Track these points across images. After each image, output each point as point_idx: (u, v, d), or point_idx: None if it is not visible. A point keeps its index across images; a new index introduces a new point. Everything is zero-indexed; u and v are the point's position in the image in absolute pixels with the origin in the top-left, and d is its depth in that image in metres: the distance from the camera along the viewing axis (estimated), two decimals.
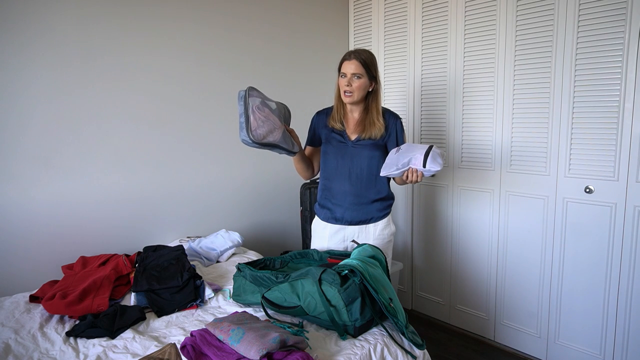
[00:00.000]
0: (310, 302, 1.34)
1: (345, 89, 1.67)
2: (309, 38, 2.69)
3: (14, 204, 1.70)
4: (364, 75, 1.65)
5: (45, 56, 1.73)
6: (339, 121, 1.76)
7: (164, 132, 2.11)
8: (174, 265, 1.68)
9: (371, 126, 1.71)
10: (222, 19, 2.27)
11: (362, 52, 1.66)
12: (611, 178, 1.91)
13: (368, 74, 1.66)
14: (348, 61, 1.65)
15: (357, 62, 1.63)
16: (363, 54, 1.65)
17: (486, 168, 2.33)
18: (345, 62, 1.67)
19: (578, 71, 1.95)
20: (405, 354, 1.30)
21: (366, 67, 1.65)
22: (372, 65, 1.67)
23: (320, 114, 1.84)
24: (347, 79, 1.65)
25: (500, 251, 2.34)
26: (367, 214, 1.76)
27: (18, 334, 1.34)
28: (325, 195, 1.82)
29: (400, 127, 1.77)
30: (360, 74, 1.64)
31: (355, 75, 1.64)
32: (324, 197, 1.83)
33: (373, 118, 1.72)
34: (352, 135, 1.76)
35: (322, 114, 1.83)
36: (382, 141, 1.75)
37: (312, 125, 1.85)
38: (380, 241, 1.78)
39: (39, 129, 1.74)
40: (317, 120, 1.84)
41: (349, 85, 1.66)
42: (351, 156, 1.74)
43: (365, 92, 1.70)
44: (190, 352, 1.13)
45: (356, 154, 1.73)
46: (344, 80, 1.67)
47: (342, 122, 1.76)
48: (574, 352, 2.13)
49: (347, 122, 1.78)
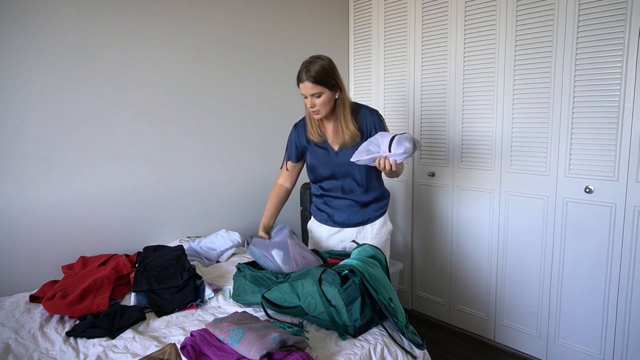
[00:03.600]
0: (310, 302, 1.34)
1: (311, 110, 1.62)
2: (309, 38, 2.69)
3: (14, 204, 1.70)
4: (323, 91, 1.57)
5: (44, 53, 1.73)
6: (316, 134, 1.70)
7: (164, 132, 2.11)
8: (174, 265, 1.68)
9: (344, 134, 1.66)
10: (223, 16, 2.27)
11: (312, 69, 1.55)
12: (611, 178, 1.91)
13: (327, 87, 1.57)
14: (302, 83, 1.57)
15: (309, 83, 1.55)
16: (312, 71, 1.54)
17: (486, 168, 2.33)
18: (300, 84, 1.59)
19: (578, 71, 1.95)
20: (405, 354, 1.30)
21: (321, 82, 1.56)
22: (328, 75, 1.57)
23: (298, 127, 1.78)
24: (309, 99, 1.59)
25: (500, 251, 2.34)
26: (365, 215, 1.77)
27: (18, 334, 1.34)
28: (322, 202, 1.81)
29: (379, 121, 1.69)
30: (318, 93, 1.57)
31: (314, 95, 1.58)
32: (321, 202, 1.82)
33: (342, 126, 1.65)
34: (334, 145, 1.71)
35: (300, 127, 1.77)
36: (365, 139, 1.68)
37: (292, 140, 1.79)
38: (378, 240, 1.78)
39: (38, 128, 1.74)
40: (297, 135, 1.77)
41: (312, 105, 1.60)
42: (338, 167, 1.70)
43: (333, 102, 1.63)
44: (190, 352, 1.13)
45: (343, 164, 1.69)
46: (307, 101, 1.61)
47: (320, 133, 1.71)
48: (574, 352, 2.13)
49: (325, 133, 1.73)
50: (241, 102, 2.41)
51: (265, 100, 2.51)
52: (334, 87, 1.60)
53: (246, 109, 2.43)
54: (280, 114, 2.59)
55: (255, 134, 2.49)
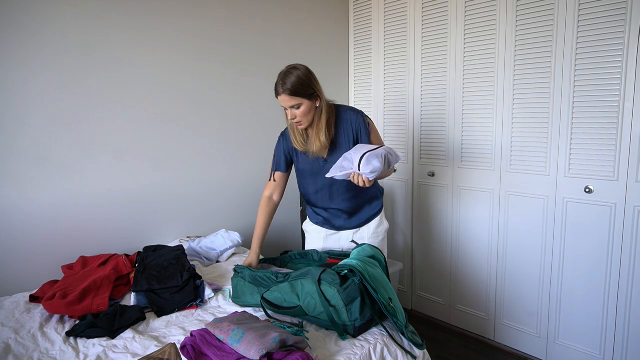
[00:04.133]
0: (310, 302, 1.34)
1: (293, 122, 1.60)
2: (309, 38, 2.69)
3: (14, 204, 1.70)
4: (302, 102, 1.54)
5: (44, 52, 1.72)
6: (300, 144, 1.66)
7: (164, 132, 2.11)
8: (174, 265, 1.68)
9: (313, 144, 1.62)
10: (224, 16, 2.27)
11: (287, 81, 1.52)
12: (611, 178, 1.91)
13: (305, 97, 1.54)
14: (280, 96, 1.55)
15: (286, 96, 1.52)
16: (288, 83, 1.51)
17: (486, 168, 2.33)
18: (278, 97, 1.56)
19: (578, 71, 1.95)
20: (405, 354, 1.30)
21: (298, 94, 1.52)
22: (305, 86, 1.53)
23: (285, 135, 1.74)
24: (289, 111, 1.57)
25: (500, 251, 2.34)
26: (360, 219, 1.78)
27: (18, 334, 1.34)
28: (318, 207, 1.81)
29: (364, 124, 1.65)
30: (297, 104, 1.54)
31: (293, 107, 1.55)
32: (318, 208, 1.81)
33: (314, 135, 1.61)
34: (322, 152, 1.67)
35: (288, 135, 1.71)
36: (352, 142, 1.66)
37: (280, 149, 1.75)
38: (375, 239, 1.79)
39: (37, 128, 1.74)
40: (286, 142, 1.73)
41: (293, 117, 1.57)
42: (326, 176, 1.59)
43: (314, 111, 1.59)
44: (190, 352, 1.13)
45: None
46: (288, 112, 1.58)
47: (305, 142, 1.67)
48: (574, 352, 2.13)
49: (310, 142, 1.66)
50: (241, 102, 2.40)
51: (265, 100, 2.51)
52: (312, 97, 1.56)
53: (246, 109, 2.43)
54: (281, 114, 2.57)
55: (256, 133, 2.49)
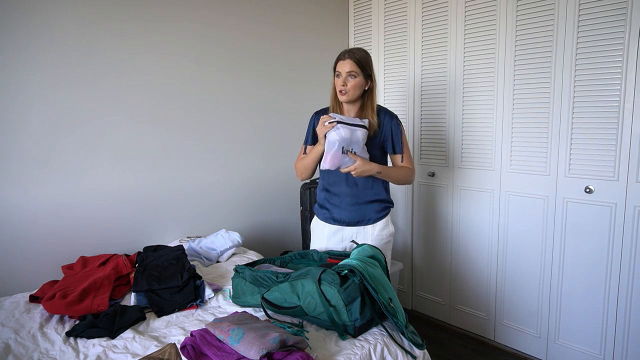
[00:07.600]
0: (310, 302, 1.34)
1: (340, 88, 1.67)
2: (309, 38, 2.69)
3: (14, 204, 1.70)
4: (358, 74, 1.65)
5: (44, 55, 1.73)
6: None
7: (164, 132, 2.11)
8: (174, 265, 1.68)
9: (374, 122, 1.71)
10: (223, 18, 2.27)
11: (357, 51, 1.66)
12: (611, 178, 1.91)
13: (363, 73, 1.66)
14: (342, 60, 1.65)
15: (351, 61, 1.63)
16: (357, 53, 1.65)
17: (486, 168, 2.33)
18: (339, 62, 1.67)
19: (578, 71, 1.95)
20: (405, 354, 1.30)
21: (361, 66, 1.64)
22: (367, 64, 1.67)
23: (318, 114, 1.84)
24: (342, 78, 1.66)
25: (500, 251, 2.34)
26: (364, 214, 1.77)
27: (18, 334, 1.34)
28: (324, 197, 1.82)
29: (397, 126, 1.75)
30: (355, 73, 1.64)
31: (350, 75, 1.64)
32: (323, 198, 1.83)
33: (367, 116, 1.71)
34: None
35: (321, 114, 1.83)
36: (379, 141, 1.74)
37: (311, 125, 1.84)
38: (379, 242, 1.78)
39: (38, 129, 1.74)
40: (316, 120, 1.83)
41: (344, 84, 1.66)
42: None
43: (361, 91, 1.70)
44: (190, 352, 1.13)
45: None
46: (339, 80, 1.67)
47: None
48: (574, 352, 2.13)
49: None
50: (241, 103, 2.40)
51: (264, 101, 2.51)
52: (367, 77, 1.68)
53: (246, 110, 2.43)
54: (280, 114, 2.59)
55: (255, 134, 2.49)
